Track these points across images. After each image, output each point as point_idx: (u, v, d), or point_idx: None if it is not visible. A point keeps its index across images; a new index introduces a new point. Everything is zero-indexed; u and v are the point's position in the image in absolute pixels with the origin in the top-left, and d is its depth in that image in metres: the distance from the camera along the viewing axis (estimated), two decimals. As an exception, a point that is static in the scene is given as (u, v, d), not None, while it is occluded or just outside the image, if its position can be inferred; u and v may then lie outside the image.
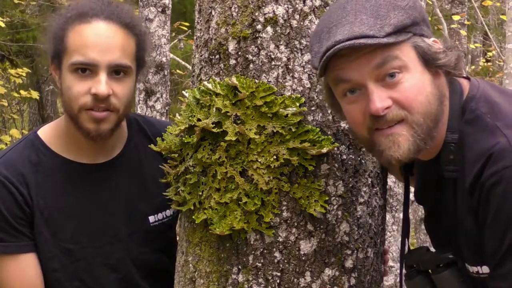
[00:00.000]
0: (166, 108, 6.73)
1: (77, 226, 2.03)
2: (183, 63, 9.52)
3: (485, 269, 1.62)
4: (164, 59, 6.65)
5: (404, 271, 1.85)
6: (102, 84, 1.90)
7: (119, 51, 1.94)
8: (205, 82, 1.81)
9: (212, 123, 1.76)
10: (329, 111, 1.77)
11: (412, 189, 1.92)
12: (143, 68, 2.06)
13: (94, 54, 1.91)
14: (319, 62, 1.55)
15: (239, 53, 1.79)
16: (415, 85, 1.55)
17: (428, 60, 1.57)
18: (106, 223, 2.05)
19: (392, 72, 1.53)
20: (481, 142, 1.56)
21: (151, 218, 2.11)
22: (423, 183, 1.80)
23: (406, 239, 1.84)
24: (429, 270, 1.76)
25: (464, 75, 1.70)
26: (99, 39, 1.93)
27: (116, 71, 1.94)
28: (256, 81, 1.76)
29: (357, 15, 1.53)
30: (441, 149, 1.63)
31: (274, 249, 1.76)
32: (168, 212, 2.13)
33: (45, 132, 2.08)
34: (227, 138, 1.75)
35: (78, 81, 1.92)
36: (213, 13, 1.84)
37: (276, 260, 1.76)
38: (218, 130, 1.77)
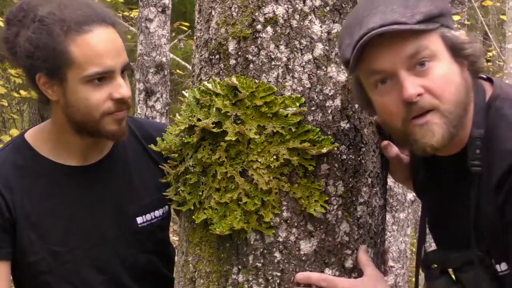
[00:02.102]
0: (166, 108, 6.74)
1: (65, 229, 2.02)
2: (183, 63, 9.52)
3: (503, 267, 1.63)
4: (164, 59, 6.65)
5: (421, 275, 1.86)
6: (124, 88, 1.93)
7: (123, 51, 1.96)
8: (205, 82, 1.81)
9: (212, 123, 1.76)
10: (329, 111, 1.77)
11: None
12: None
13: (109, 61, 1.91)
14: (351, 53, 1.57)
15: (239, 53, 1.79)
16: (445, 74, 1.59)
17: (455, 50, 1.61)
18: (94, 225, 2.04)
19: (422, 61, 1.57)
20: (509, 141, 1.59)
21: (139, 219, 2.10)
22: (437, 178, 1.80)
23: (423, 245, 1.87)
24: (451, 270, 1.77)
25: (484, 76, 1.74)
26: (108, 45, 1.93)
27: (123, 70, 1.96)
28: (256, 81, 1.76)
29: (387, 5, 1.57)
30: (468, 144, 1.65)
31: (274, 249, 1.76)
32: (157, 213, 2.12)
33: (32, 135, 2.07)
34: (227, 138, 1.75)
35: (95, 90, 1.92)
36: (213, 13, 1.84)
37: (276, 260, 1.76)
38: (218, 130, 1.77)
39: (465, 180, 1.67)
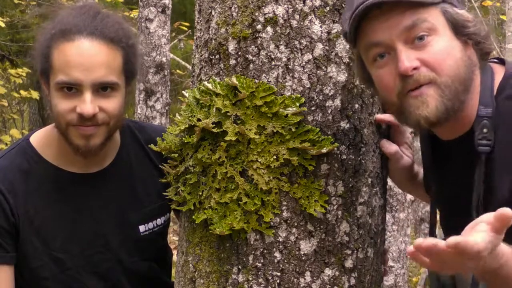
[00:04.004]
0: (166, 108, 6.74)
1: (68, 235, 2.02)
2: (183, 63, 9.53)
3: None
4: (164, 59, 6.65)
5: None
6: (87, 104, 1.88)
7: (103, 68, 1.90)
8: (205, 82, 1.81)
9: (212, 123, 1.76)
10: (329, 111, 1.77)
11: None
12: (133, 79, 2.03)
13: (78, 73, 1.88)
14: (349, 24, 1.57)
15: (239, 53, 1.79)
16: (444, 48, 1.57)
17: (457, 27, 1.59)
18: (96, 232, 2.05)
19: (421, 35, 1.55)
20: None
21: (142, 228, 2.10)
22: (447, 165, 1.77)
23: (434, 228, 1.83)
24: None
25: (494, 59, 1.71)
26: (82, 58, 1.90)
27: (103, 87, 1.91)
28: (256, 81, 1.76)
29: None
30: (474, 123, 1.62)
31: (274, 249, 1.76)
32: (159, 221, 2.13)
33: (37, 140, 2.07)
34: (227, 138, 1.75)
35: (64, 99, 1.91)
36: (213, 13, 1.84)
37: (276, 260, 1.76)
38: (218, 130, 1.77)
39: (472, 162, 1.63)
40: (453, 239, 1.25)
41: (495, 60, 1.71)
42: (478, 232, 1.28)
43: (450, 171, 1.76)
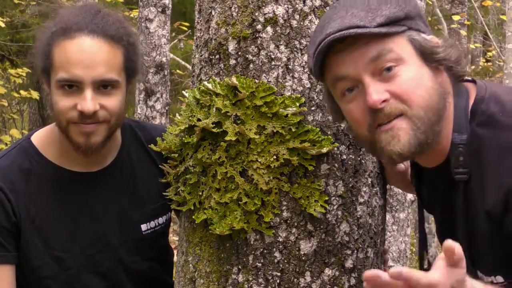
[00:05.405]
0: (166, 108, 6.74)
1: (69, 235, 2.03)
2: (183, 63, 9.52)
3: (499, 279, 1.56)
4: (164, 59, 6.65)
5: None
6: (87, 101, 1.88)
7: (104, 66, 1.90)
8: (205, 82, 1.82)
9: (212, 123, 1.77)
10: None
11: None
12: (134, 78, 2.03)
13: (78, 71, 1.88)
14: (313, 60, 1.53)
15: (239, 53, 1.79)
16: (413, 78, 1.51)
17: (426, 54, 1.53)
18: (97, 231, 2.05)
19: (389, 66, 1.49)
20: (503, 141, 1.50)
21: (143, 227, 2.10)
22: (432, 191, 1.74)
23: (425, 252, 1.79)
24: None
25: (469, 78, 1.65)
26: (82, 55, 1.90)
27: (104, 85, 1.91)
28: (256, 81, 1.76)
29: (348, 10, 1.51)
30: (450, 151, 1.57)
31: (274, 249, 1.76)
32: (161, 220, 2.13)
33: (39, 139, 2.07)
34: (227, 138, 1.75)
35: (65, 97, 1.91)
36: (213, 13, 1.84)
37: (276, 260, 1.76)
38: (218, 130, 1.77)
39: (453, 189, 1.59)
40: (394, 269, 1.20)
41: (469, 80, 1.64)
42: (436, 269, 1.24)
43: (434, 193, 1.73)
